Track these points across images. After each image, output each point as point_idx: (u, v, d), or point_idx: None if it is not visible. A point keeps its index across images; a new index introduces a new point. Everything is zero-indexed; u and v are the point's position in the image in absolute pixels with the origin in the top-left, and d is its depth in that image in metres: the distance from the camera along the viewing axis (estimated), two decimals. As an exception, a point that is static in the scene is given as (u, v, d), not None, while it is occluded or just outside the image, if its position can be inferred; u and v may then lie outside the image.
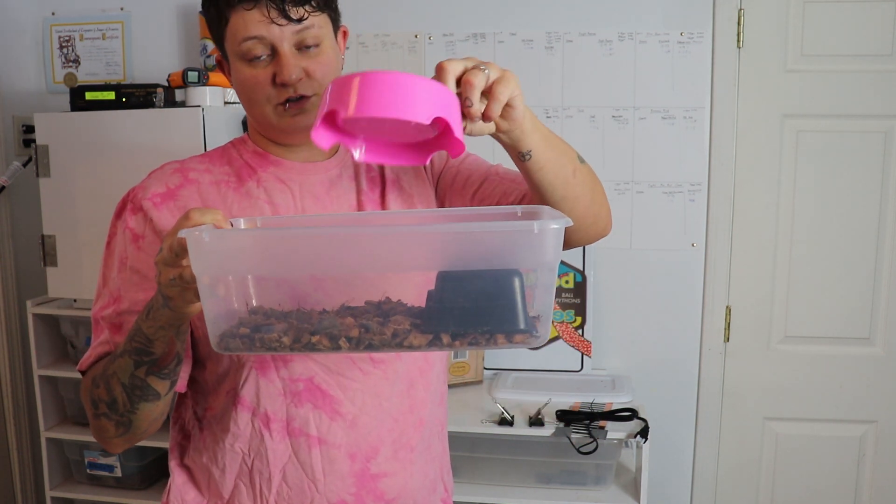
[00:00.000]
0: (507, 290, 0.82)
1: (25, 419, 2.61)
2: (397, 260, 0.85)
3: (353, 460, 1.09)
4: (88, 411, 1.06)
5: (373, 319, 0.85)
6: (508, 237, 0.82)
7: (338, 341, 0.83)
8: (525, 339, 0.83)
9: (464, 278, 0.82)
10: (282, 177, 1.11)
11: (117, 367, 0.99)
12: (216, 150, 1.17)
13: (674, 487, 2.43)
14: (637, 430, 1.97)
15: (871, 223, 2.29)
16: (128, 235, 1.07)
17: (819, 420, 2.37)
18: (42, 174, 2.15)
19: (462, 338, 0.83)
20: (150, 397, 1.00)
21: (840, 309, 2.33)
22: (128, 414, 1.01)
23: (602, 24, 2.29)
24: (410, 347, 0.84)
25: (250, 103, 1.07)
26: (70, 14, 2.50)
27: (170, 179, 1.09)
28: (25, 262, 2.59)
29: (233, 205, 1.09)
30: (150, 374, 0.97)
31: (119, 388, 0.99)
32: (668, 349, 2.38)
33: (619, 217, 2.35)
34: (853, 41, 2.23)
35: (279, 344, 0.84)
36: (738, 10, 2.24)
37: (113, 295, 1.08)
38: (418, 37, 2.36)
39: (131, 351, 0.96)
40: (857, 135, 2.26)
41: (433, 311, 0.84)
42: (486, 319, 0.83)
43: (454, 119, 0.83)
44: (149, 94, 2.09)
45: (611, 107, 2.31)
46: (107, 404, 1.01)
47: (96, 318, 1.09)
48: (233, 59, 1.06)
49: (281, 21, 1.01)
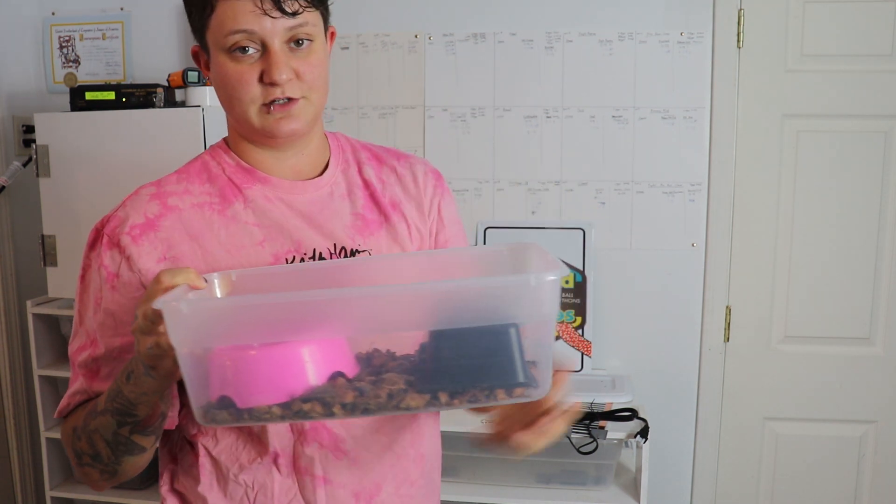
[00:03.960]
0: (504, 345, 0.79)
1: (25, 419, 2.61)
2: (389, 321, 0.82)
3: (358, 500, 1.06)
4: (72, 459, 1.02)
5: (365, 378, 0.82)
6: (505, 292, 0.79)
7: (332, 408, 0.80)
8: (524, 392, 0.81)
9: (459, 335, 0.79)
10: (270, 196, 1.04)
11: (99, 425, 0.95)
12: (193, 164, 1.07)
13: (674, 487, 2.42)
14: (637, 430, 1.97)
15: (871, 223, 2.29)
16: (102, 274, 1.00)
17: (819, 420, 2.37)
18: (42, 174, 2.15)
19: (461, 395, 0.80)
20: (135, 452, 0.97)
21: (840, 309, 2.33)
22: (113, 465, 0.98)
23: (602, 24, 2.29)
24: (408, 409, 0.81)
25: (231, 101, 0.99)
26: (70, 14, 2.49)
27: (148, 208, 1.01)
28: (25, 262, 2.58)
29: (220, 231, 1.01)
30: (134, 433, 0.94)
31: (102, 444, 0.96)
32: (668, 349, 2.38)
33: (619, 217, 2.35)
34: (853, 41, 2.22)
35: (269, 415, 0.80)
36: (738, 10, 2.24)
37: (90, 337, 1.02)
38: (418, 37, 2.36)
39: (112, 411, 0.92)
40: (857, 135, 2.26)
41: (428, 369, 0.81)
42: (484, 376, 0.80)
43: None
44: (149, 94, 2.09)
45: (611, 107, 2.31)
46: (90, 456, 0.98)
47: (73, 361, 1.04)
48: (215, 51, 0.98)
49: (274, 14, 0.94)
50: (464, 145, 2.38)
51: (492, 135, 2.36)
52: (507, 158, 2.37)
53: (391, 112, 2.39)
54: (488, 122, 2.36)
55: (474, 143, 2.37)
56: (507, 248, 0.98)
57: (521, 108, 2.35)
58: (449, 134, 2.38)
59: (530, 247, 0.95)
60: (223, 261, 1.00)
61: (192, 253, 1.00)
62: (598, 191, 2.34)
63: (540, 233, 2.35)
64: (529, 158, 2.36)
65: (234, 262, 1.01)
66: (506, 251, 0.98)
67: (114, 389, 0.92)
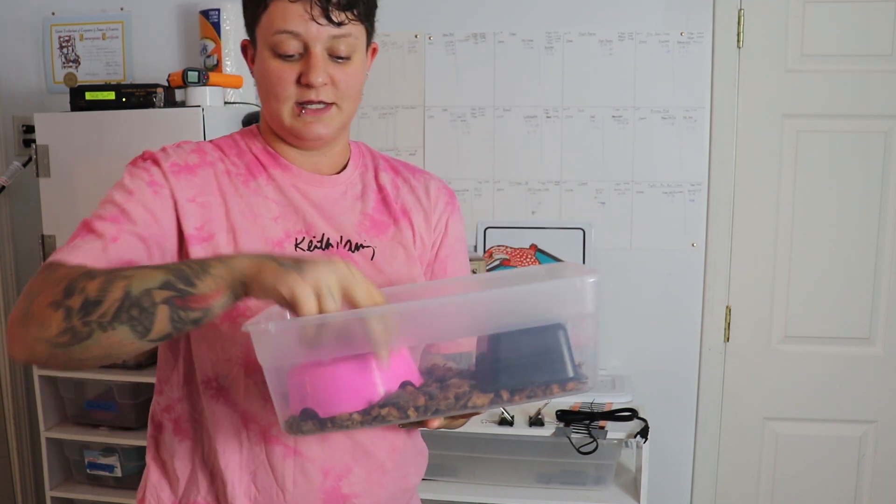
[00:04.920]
0: (554, 344, 0.87)
1: (25, 419, 2.61)
2: (452, 328, 0.90)
3: (326, 476, 1.07)
4: (44, 294, 0.84)
5: (431, 385, 0.88)
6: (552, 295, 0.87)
7: (406, 411, 0.86)
8: (576, 385, 0.88)
9: (514, 337, 0.87)
10: (290, 182, 1.10)
11: (137, 273, 0.84)
12: (225, 140, 1.14)
13: (674, 487, 2.43)
14: (637, 430, 1.97)
15: (871, 223, 2.29)
16: (145, 178, 1.03)
17: (819, 420, 2.37)
18: (42, 174, 2.15)
19: (520, 392, 0.87)
20: (137, 328, 0.82)
21: (840, 309, 2.33)
22: (94, 327, 0.81)
23: (602, 24, 2.29)
24: (475, 408, 0.87)
25: (268, 96, 1.06)
26: (70, 14, 2.49)
27: (188, 157, 1.07)
28: (25, 262, 2.59)
29: (242, 197, 1.07)
30: (166, 303, 0.82)
31: (118, 294, 0.81)
32: (668, 349, 2.38)
33: (619, 217, 2.35)
34: (853, 41, 2.23)
35: (350, 421, 0.85)
36: (738, 10, 2.24)
37: (111, 214, 0.99)
38: (418, 37, 2.36)
39: (170, 269, 0.84)
40: (857, 135, 2.26)
41: (489, 370, 0.88)
42: (539, 373, 0.87)
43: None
44: (149, 94, 2.09)
45: (611, 107, 2.31)
46: (84, 301, 0.82)
47: (86, 222, 0.98)
48: (261, 47, 1.04)
49: (321, 21, 1.00)
50: (464, 145, 2.38)
51: (492, 135, 2.36)
52: (507, 158, 2.37)
53: (391, 112, 2.39)
54: (488, 122, 2.36)
55: (474, 143, 2.37)
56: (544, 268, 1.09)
57: (521, 108, 2.35)
58: (449, 134, 2.38)
59: (566, 264, 1.05)
60: (240, 224, 1.05)
61: (217, 206, 1.05)
62: (598, 191, 2.34)
63: (540, 233, 2.35)
64: (529, 158, 2.36)
65: (249, 228, 1.05)
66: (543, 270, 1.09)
67: (183, 262, 0.87)
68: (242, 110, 2.22)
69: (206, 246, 1.03)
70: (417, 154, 2.39)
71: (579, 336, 0.89)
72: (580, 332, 0.89)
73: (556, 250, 2.34)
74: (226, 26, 2.27)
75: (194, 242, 1.03)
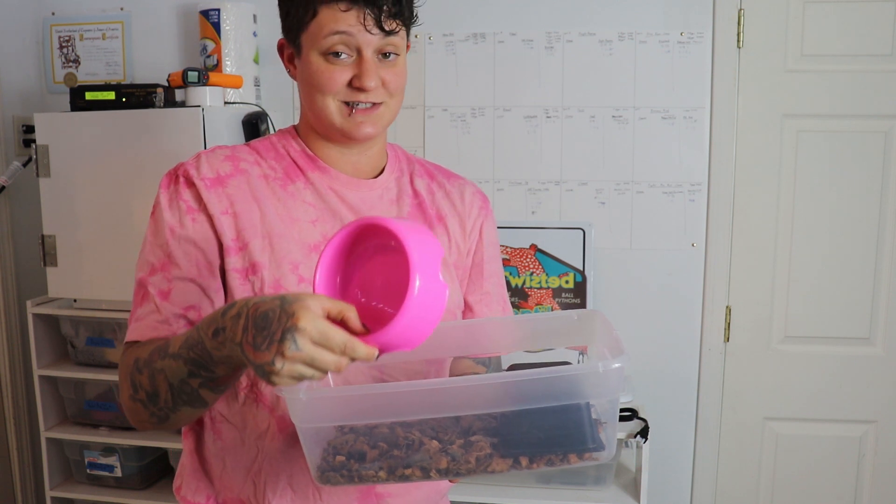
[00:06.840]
0: (576, 420, 0.91)
1: (25, 419, 2.61)
2: (473, 404, 0.93)
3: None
4: (124, 390, 1.00)
5: (455, 442, 0.92)
6: (576, 380, 0.90)
7: (429, 472, 0.92)
8: (592, 455, 0.92)
9: (536, 413, 0.91)
10: (327, 185, 1.12)
11: (167, 367, 0.93)
12: (262, 142, 1.16)
13: (674, 487, 2.43)
14: (637, 430, 1.97)
15: (871, 223, 2.29)
16: (182, 207, 1.06)
17: (819, 420, 2.37)
18: (42, 174, 2.14)
19: (539, 460, 0.92)
20: (196, 405, 0.95)
21: (840, 309, 2.33)
22: (167, 411, 0.96)
23: (602, 24, 2.29)
24: (494, 472, 0.92)
25: (314, 97, 1.08)
26: (70, 14, 2.49)
27: (221, 166, 1.09)
28: (25, 262, 2.58)
29: (280, 201, 1.09)
30: (203, 387, 0.92)
31: (165, 387, 0.94)
32: (668, 349, 2.38)
33: (619, 217, 2.35)
34: (853, 41, 2.23)
35: (377, 477, 0.92)
36: (738, 10, 2.24)
37: (160, 260, 1.04)
38: (418, 37, 2.36)
39: (187, 359, 0.90)
40: (857, 135, 2.26)
41: (510, 438, 0.92)
42: (558, 445, 0.91)
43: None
44: (149, 94, 2.09)
45: (611, 107, 2.31)
46: (147, 394, 0.96)
47: (141, 281, 1.05)
48: (308, 50, 1.06)
49: (374, 31, 1.03)
50: (464, 145, 2.38)
51: (492, 135, 2.36)
52: (507, 158, 2.37)
53: (391, 112, 2.39)
54: (488, 122, 2.36)
55: (474, 143, 2.37)
56: (577, 315, 1.11)
57: (521, 108, 2.35)
58: (449, 134, 2.38)
59: (596, 316, 1.07)
60: (277, 228, 1.07)
61: (251, 213, 1.07)
62: (598, 191, 2.34)
63: (540, 233, 2.35)
64: (529, 158, 2.36)
65: (286, 232, 1.08)
66: (575, 317, 1.11)
67: (193, 338, 0.89)
68: (242, 110, 2.22)
69: (242, 255, 1.06)
70: (417, 154, 2.38)
71: (600, 407, 0.94)
72: (602, 406, 0.94)
73: (556, 250, 2.34)
74: (226, 26, 2.27)
75: (231, 253, 1.06)
